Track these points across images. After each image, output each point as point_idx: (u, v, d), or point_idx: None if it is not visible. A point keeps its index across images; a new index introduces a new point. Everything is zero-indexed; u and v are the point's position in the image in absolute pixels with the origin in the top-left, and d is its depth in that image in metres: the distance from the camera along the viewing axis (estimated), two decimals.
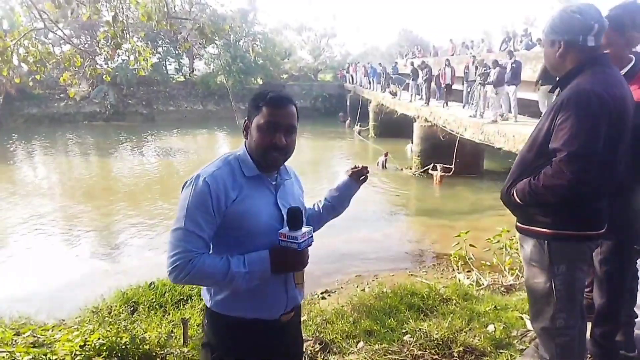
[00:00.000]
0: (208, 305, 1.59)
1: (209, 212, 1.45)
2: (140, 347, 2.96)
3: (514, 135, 9.46)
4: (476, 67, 12.70)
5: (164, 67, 34.93)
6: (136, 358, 2.88)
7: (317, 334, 3.46)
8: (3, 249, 8.90)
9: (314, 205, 1.92)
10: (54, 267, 7.75)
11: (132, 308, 4.49)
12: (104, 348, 2.80)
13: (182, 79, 36.33)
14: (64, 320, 4.44)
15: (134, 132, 26.06)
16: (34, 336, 3.16)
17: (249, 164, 1.54)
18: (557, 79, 1.86)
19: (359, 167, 1.93)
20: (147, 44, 7.80)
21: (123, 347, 2.86)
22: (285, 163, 1.63)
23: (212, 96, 33.58)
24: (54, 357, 2.65)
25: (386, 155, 16.01)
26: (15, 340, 3.04)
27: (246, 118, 1.58)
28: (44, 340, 3.06)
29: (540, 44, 14.68)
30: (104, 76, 7.74)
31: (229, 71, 32.51)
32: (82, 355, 2.72)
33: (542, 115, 1.91)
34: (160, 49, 33.57)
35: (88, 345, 2.82)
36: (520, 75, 11.13)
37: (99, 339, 2.85)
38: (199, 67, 37.29)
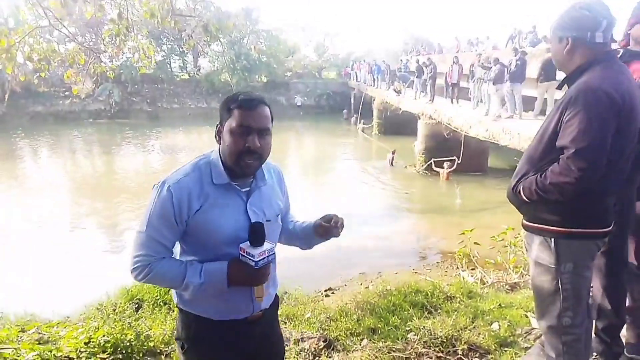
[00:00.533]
0: (175, 302, 1.61)
1: (171, 221, 1.45)
2: (145, 344, 2.97)
3: (519, 132, 9.42)
4: (482, 65, 12.66)
5: (168, 65, 35.02)
6: (141, 355, 2.89)
7: (321, 331, 3.46)
8: (7, 246, 8.95)
9: (290, 223, 1.80)
10: (58, 264, 7.79)
11: (136, 305, 4.49)
12: (109, 345, 2.81)
13: (186, 76, 36.41)
14: (68, 317, 4.45)
15: (139, 129, 26.13)
16: (39, 333, 3.17)
17: (219, 171, 1.49)
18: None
19: (330, 222, 1.63)
20: (150, 41, 7.80)
21: (128, 344, 2.87)
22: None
23: (216, 94, 33.57)
24: (59, 353, 2.66)
25: (393, 152, 16.03)
26: (21, 337, 3.05)
27: (218, 123, 1.53)
28: (49, 337, 3.07)
29: (547, 41, 14.59)
30: (108, 73, 7.77)
31: (233, 69, 32.54)
32: (87, 352, 2.73)
33: (548, 112, 1.89)
34: (164, 47, 33.65)
35: (93, 342, 2.83)
36: (525, 73, 11.07)
37: (103, 335, 2.86)
38: (203, 65, 37.35)
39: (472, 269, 6.02)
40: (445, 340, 3.02)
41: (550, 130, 1.74)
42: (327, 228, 1.62)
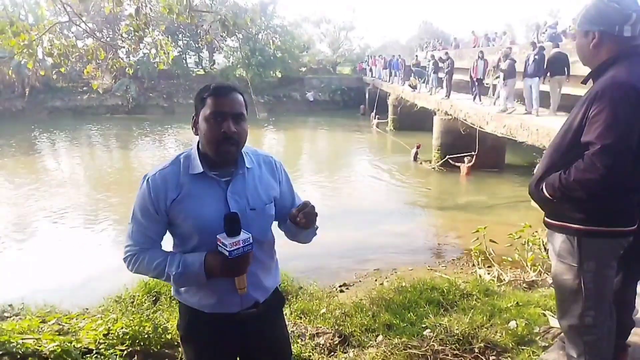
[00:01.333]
0: (172, 293, 1.65)
1: (150, 212, 1.51)
2: (163, 336, 3.00)
3: (537, 128, 9.26)
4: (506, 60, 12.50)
5: (184, 61, 35.29)
6: (158, 347, 2.92)
7: (337, 327, 3.46)
8: (26, 239, 9.12)
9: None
10: (77, 256, 7.91)
11: (154, 298, 4.55)
12: (127, 337, 2.85)
13: (202, 72, 36.63)
14: (87, 309, 4.52)
15: (155, 124, 26.39)
16: (59, 324, 3.23)
17: (195, 162, 1.52)
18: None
19: (297, 211, 1.53)
20: (167, 37, 7.85)
21: (146, 336, 2.90)
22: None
23: None
24: (79, 344, 2.70)
25: (418, 147, 15.86)
26: (42, 328, 3.11)
27: (194, 114, 1.55)
28: (69, 329, 3.12)
29: (566, 36, 14.32)
30: (126, 69, 7.84)
31: (248, 64, 32.63)
32: (106, 344, 2.77)
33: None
34: (180, 43, 33.91)
35: (111, 333, 2.87)
36: (543, 67, 10.89)
37: (122, 327, 2.90)
38: (218, 61, 37.54)
39: (489, 267, 5.96)
40: (461, 338, 3.00)
41: (575, 126, 1.69)
42: (293, 215, 1.53)
